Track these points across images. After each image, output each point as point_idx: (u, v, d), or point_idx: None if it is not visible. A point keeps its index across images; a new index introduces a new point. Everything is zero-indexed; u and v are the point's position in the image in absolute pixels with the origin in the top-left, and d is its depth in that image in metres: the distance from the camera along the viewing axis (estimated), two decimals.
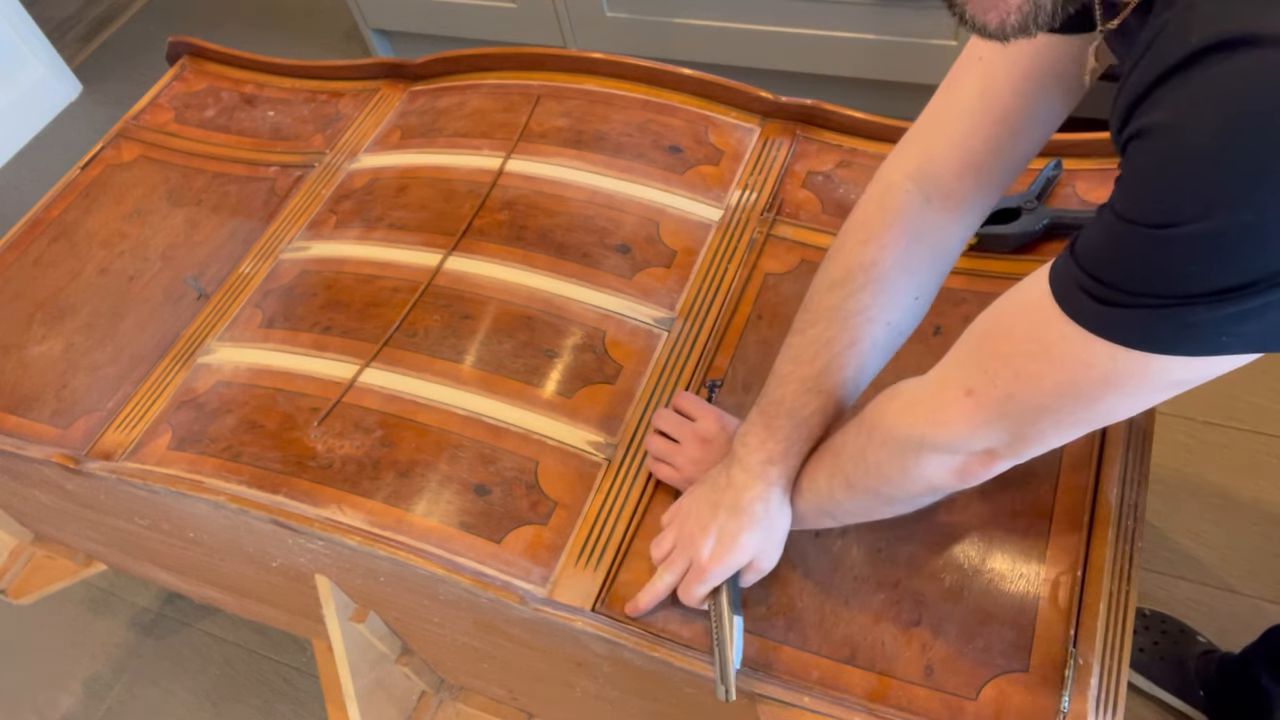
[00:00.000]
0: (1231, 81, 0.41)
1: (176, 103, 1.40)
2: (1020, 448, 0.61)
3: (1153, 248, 0.46)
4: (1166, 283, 0.47)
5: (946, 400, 0.61)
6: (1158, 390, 0.53)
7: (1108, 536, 0.78)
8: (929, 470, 0.65)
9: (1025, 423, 0.59)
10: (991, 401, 0.59)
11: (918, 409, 0.64)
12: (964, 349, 0.62)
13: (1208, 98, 0.42)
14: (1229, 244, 0.43)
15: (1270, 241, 0.43)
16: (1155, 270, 0.47)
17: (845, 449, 0.72)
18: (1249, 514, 1.41)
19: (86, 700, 1.59)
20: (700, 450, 0.84)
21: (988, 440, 0.61)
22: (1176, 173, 0.44)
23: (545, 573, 0.84)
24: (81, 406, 1.08)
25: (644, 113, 1.15)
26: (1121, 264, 0.49)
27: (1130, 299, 0.48)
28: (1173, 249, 0.45)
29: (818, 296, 0.77)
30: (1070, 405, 0.55)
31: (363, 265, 1.08)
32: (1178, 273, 0.46)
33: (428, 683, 1.18)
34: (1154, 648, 1.28)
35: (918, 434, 0.64)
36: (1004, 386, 0.58)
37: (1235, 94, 0.41)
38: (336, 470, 0.92)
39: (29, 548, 1.46)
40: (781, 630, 0.78)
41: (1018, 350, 0.56)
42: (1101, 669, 0.72)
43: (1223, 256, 0.44)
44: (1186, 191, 0.44)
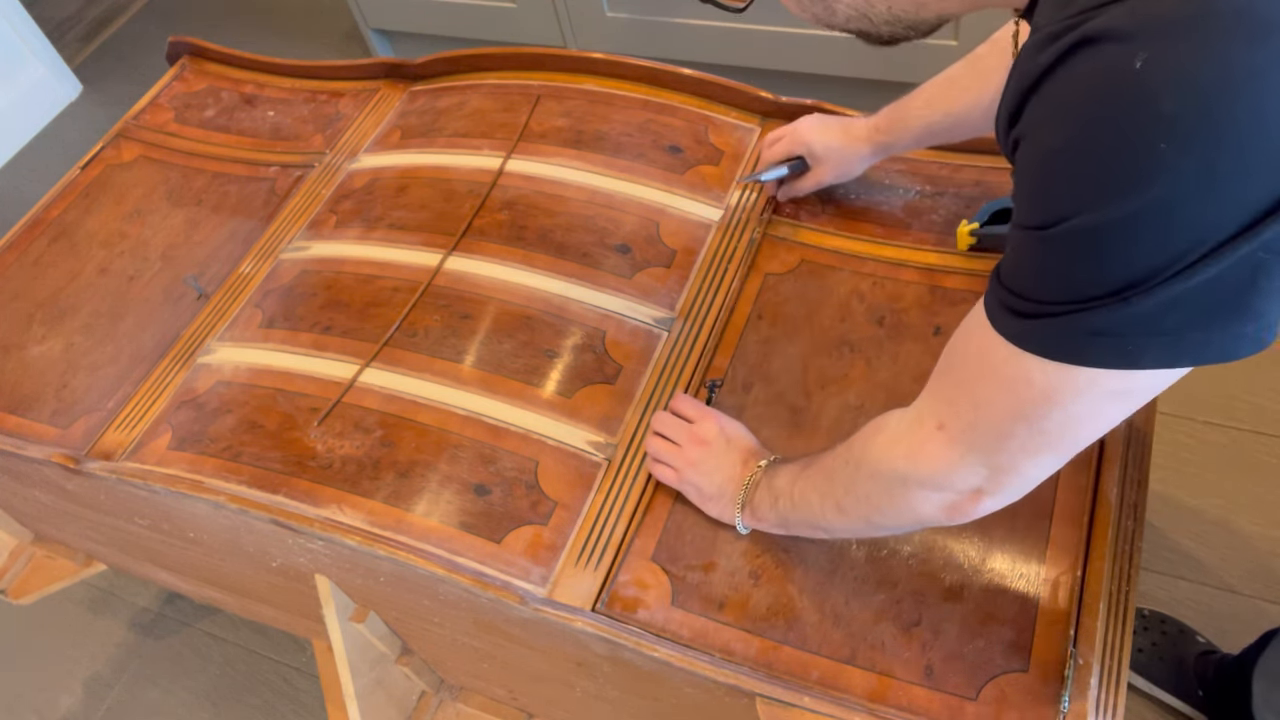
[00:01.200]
0: (1075, 85, 0.43)
1: (176, 103, 1.40)
2: (1002, 480, 0.60)
3: (1042, 250, 0.48)
4: (1059, 286, 0.48)
5: (922, 436, 0.62)
6: (1100, 404, 0.52)
7: (1108, 536, 0.78)
8: (917, 505, 0.65)
9: (995, 452, 0.59)
10: (960, 433, 0.59)
11: (900, 445, 0.64)
12: (933, 382, 0.63)
13: (1060, 102, 0.44)
14: (1101, 240, 0.44)
15: (1137, 238, 0.43)
16: (1048, 273, 0.48)
17: (836, 475, 0.72)
18: (1249, 514, 1.41)
19: (86, 700, 1.59)
20: (699, 452, 0.85)
21: (969, 476, 0.61)
22: (1045, 175, 0.46)
23: (545, 573, 0.84)
24: (81, 406, 1.08)
25: (644, 113, 1.15)
26: (1025, 272, 0.50)
27: (1039, 308, 0.49)
28: (1056, 249, 0.47)
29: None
30: (1025, 427, 0.55)
31: (363, 265, 1.08)
32: (1066, 273, 0.47)
33: (428, 683, 1.18)
34: (1154, 648, 1.28)
35: (901, 470, 0.64)
36: (967, 416, 0.58)
37: (1079, 95, 0.43)
38: (336, 470, 0.92)
39: (29, 548, 1.46)
40: (781, 630, 0.78)
41: (971, 377, 0.57)
42: (1101, 669, 0.72)
43: (1097, 255, 0.45)
44: (1055, 192, 0.46)
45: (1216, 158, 0.41)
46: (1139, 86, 0.41)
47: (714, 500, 0.84)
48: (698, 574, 0.83)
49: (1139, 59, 0.41)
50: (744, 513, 0.82)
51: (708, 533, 0.85)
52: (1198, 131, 0.40)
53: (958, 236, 0.96)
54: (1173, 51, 0.40)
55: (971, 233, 0.95)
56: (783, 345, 0.95)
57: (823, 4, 0.59)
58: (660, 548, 0.85)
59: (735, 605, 0.80)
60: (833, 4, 0.58)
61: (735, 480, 0.83)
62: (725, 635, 0.79)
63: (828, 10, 0.59)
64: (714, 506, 0.84)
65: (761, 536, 0.83)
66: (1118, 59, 0.41)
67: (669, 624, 0.80)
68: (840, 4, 0.58)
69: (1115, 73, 0.42)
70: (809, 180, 1.02)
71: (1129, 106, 0.42)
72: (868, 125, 0.98)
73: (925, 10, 0.57)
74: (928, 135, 0.94)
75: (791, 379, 0.92)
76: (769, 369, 0.93)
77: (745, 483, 0.82)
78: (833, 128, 1.00)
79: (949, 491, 0.63)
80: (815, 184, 1.02)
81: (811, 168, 1.02)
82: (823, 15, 0.60)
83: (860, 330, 0.94)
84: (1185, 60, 0.40)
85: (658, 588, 0.82)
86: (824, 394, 0.91)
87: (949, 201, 1.02)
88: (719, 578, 0.82)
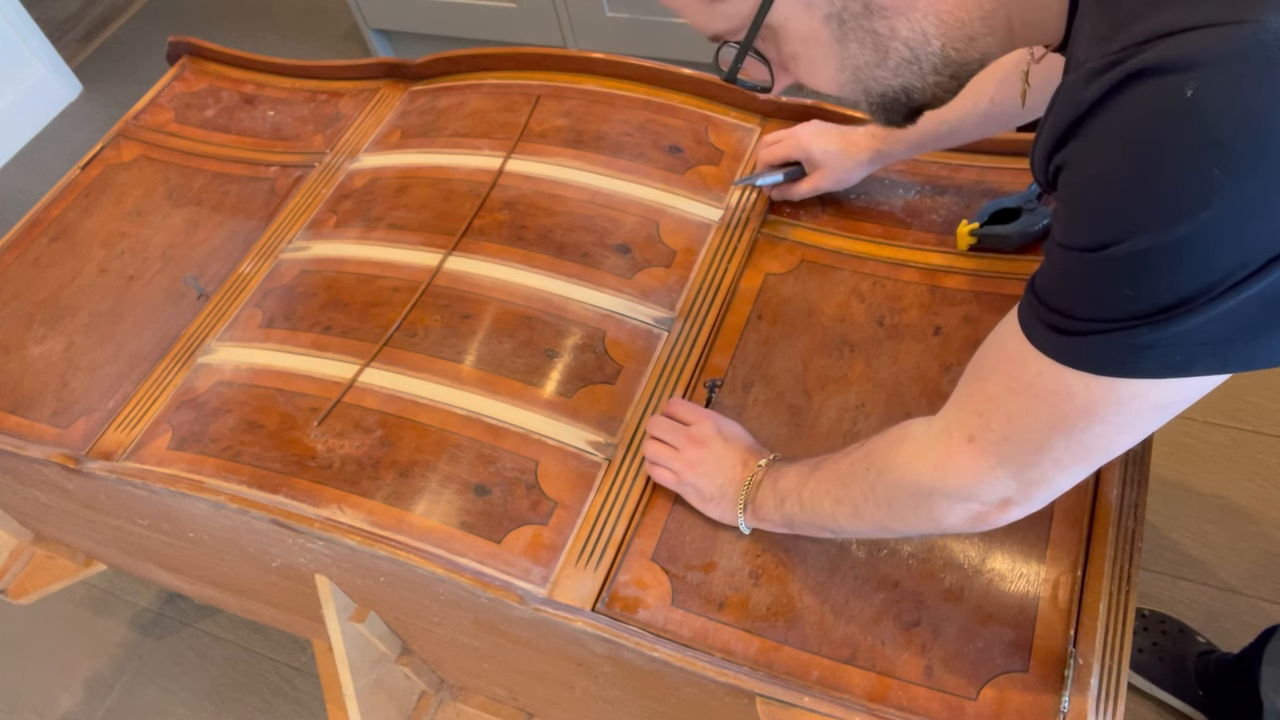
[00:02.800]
0: (1127, 114, 0.45)
1: (176, 102, 1.40)
2: (1030, 493, 0.61)
3: (1089, 272, 0.49)
4: (1107, 305, 0.49)
5: (952, 449, 0.62)
6: (1141, 415, 0.53)
7: (1108, 536, 0.78)
8: (941, 515, 0.66)
9: (1027, 465, 0.59)
10: (991, 446, 0.60)
11: (927, 456, 0.64)
12: (961, 393, 0.63)
13: (1112, 130, 0.46)
14: (1150, 264, 0.46)
15: (1186, 260, 0.45)
16: (1096, 294, 0.49)
17: (854, 481, 0.72)
18: (1249, 514, 1.41)
19: (86, 700, 1.59)
20: (696, 453, 0.84)
21: (998, 488, 0.61)
22: (1096, 199, 0.47)
23: (545, 573, 0.84)
24: (81, 406, 1.08)
25: (644, 113, 1.15)
26: (1068, 292, 0.51)
27: (1084, 325, 0.50)
28: (1104, 272, 0.48)
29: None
30: (1063, 441, 0.56)
31: (363, 265, 1.08)
32: (1114, 295, 0.48)
33: (428, 683, 1.18)
34: (1154, 648, 1.28)
35: (928, 482, 0.64)
36: (999, 430, 0.59)
37: (1132, 123, 0.45)
38: (336, 470, 0.92)
39: (29, 548, 1.46)
40: (781, 630, 0.78)
41: (1004, 391, 0.58)
42: (1101, 669, 0.72)
43: (1148, 276, 0.46)
44: (1104, 216, 0.47)
45: (1267, 182, 0.42)
46: (1191, 114, 0.42)
47: (714, 502, 0.84)
48: (698, 574, 0.83)
49: (1190, 88, 0.42)
50: (746, 513, 0.82)
51: (708, 533, 0.85)
52: (1247, 157, 0.42)
53: (958, 236, 0.96)
54: (1222, 80, 0.42)
55: (971, 233, 0.95)
56: (783, 345, 0.95)
57: (874, 50, 0.58)
58: (660, 548, 0.85)
59: (735, 605, 0.80)
60: (888, 45, 0.57)
61: (735, 481, 0.83)
62: (725, 635, 0.79)
63: (879, 56, 0.58)
64: (714, 508, 0.84)
65: (762, 536, 0.83)
66: (1169, 88, 0.43)
67: (669, 624, 0.80)
68: (897, 44, 0.57)
69: (1167, 101, 0.43)
70: (805, 185, 1.02)
71: (1182, 133, 0.43)
72: (867, 133, 0.98)
73: (972, 49, 0.57)
74: (924, 143, 0.95)
75: (791, 379, 0.92)
76: (769, 369, 0.93)
77: (746, 483, 0.81)
78: (832, 134, 1.00)
79: (975, 502, 0.63)
80: (812, 189, 1.02)
81: (808, 173, 1.02)
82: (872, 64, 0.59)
83: (860, 330, 0.94)
84: (1234, 88, 0.42)
85: (658, 588, 0.82)
86: (824, 394, 0.91)
87: (949, 201, 1.02)
88: (719, 578, 0.82)
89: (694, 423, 0.87)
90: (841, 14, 0.57)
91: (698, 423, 0.87)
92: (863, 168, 1.00)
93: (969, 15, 0.56)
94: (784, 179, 1.03)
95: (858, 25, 0.57)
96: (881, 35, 0.57)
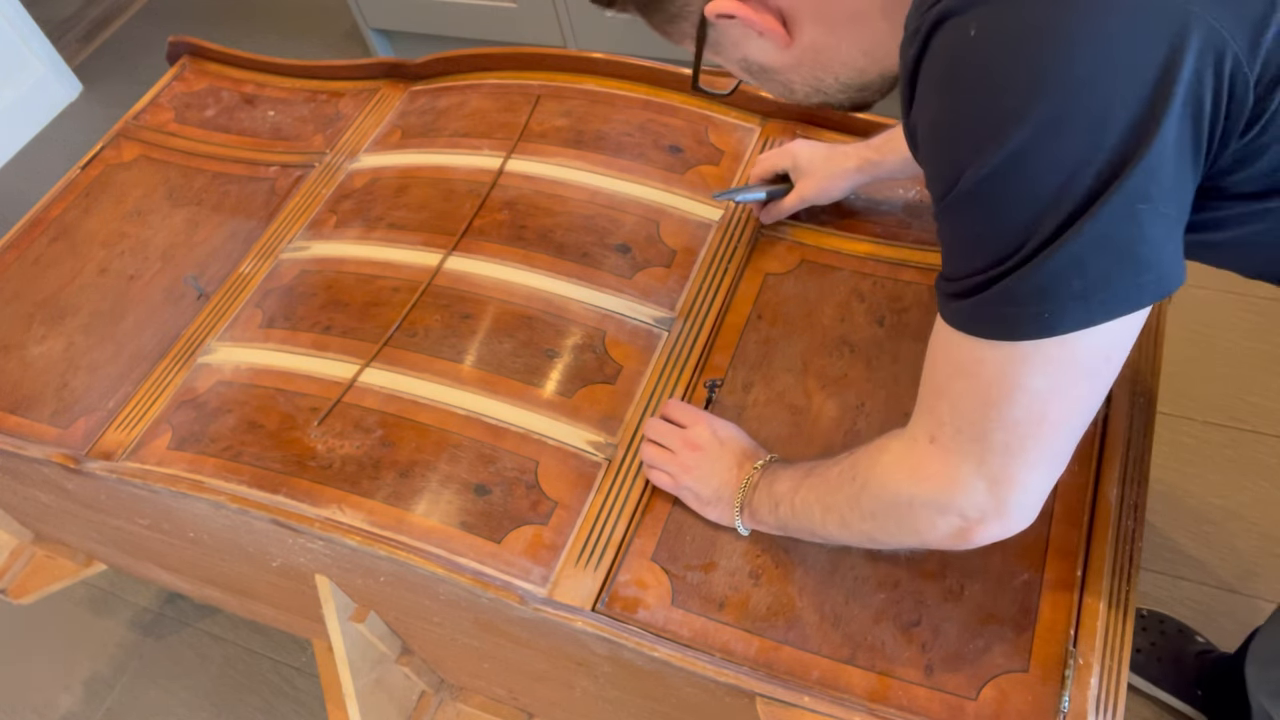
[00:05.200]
0: (933, 64, 0.50)
1: (176, 102, 1.40)
2: (1003, 495, 0.60)
3: (947, 223, 0.53)
4: (969, 254, 0.52)
5: (920, 454, 0.63)
6: (1057, 378, 0.54)
7: (1108, 536, 0.78)
8: (923, 528, 0.65)
9: (983, 453, 0.59)
10: (949, 442, 0.60)
11: (902, 465, 0.65)
12: (919, 398, 0.63)
13: (926, 84, 0.51)
14: (982, 195, 0.49)
15: (1011, 185, 0.48)
16: (958, 244, 0.53)
17: (841, 490, 0.72)
18: (1249, 514, 1.41)
19: (86, 700, 1.59)
20: (692, 457, 0.84)
21: (972, 494, 0.61)
22: (930, 150, 0.52)
23: (545, 572, 0.84)
24: (81, 406, 1.08)
25: (644, 112, 1.15)
26: (946, 253, 0.55)
27: (962, 285, 0.53)
28: (954, 216, 0.52)
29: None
30: (996, 414, 0.56)
31: (363, 265, 1.08)
32: (970, 239, 0.52)
33: (428, 683, 1.18)
34: (1153, 648, 1.28)
35: (907, 492, 0.64)
36: (950, 421, 0.59)
37: (937, 72, 0.50)
38: (336, 470, 0.92)
39: (29, 548, 1.46)
40: (781, 630, 0.78)
41: (942, 379, 0.59)
42: (1101, 669, 0.72)
43: (984, 208, 0.49)
44: (939, 162, 0.51)
45: (1056, 106, 0.46)
46: (976, 50, 0.47)
47: (712, 505, 0.84)
48: (698, 574, 0.83)
49: (972, 26, 0.47)
50: (743, 515, 0.82)
51: (708, 533, 0.85)
52: (1029, 82, 0.46)
53: None
54: (998, 14, 0.46)
55: None
56: (783, 345, 0.95)
57: (784, 88, 0.67)
58: (660, 547, 0.85)
59: (735, 605, 0.80)
60: (790, 86, 0.66)
61: (731, 484, 0.82)
62: (725, 635, 0.79)
63: (789, 91, 0.67)
64: (712, 511, 0.84)
65: (762, 536, 0.83)
66: (957, 30, 0.48)
67: (669, 624, 0.80)
68: (796, 85, 0.65)
69: (958, 42, 0.48)
70: (792, 198, 1.00)
71: (973, 69, 0.47)
72: (857, 143, 0.98)
73: (868, 74, 0.62)
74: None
75: (791, 379, 0.92)
76: (769, 369, 0.93)
77: (742, 485, 0.81)
78: (821, 145, 1.00)
79: (953, 514, 0.63)
80: (798, 200, 1.00)
81: (795, 183, 1.00)
82: (786, 95, 0.67)
83: (860, 330, 0.94)
84: (1009, 20, 0.46)
85: (658, 587, 0.82)
86: (824, 394, 0.91)
87: None
88: (719, 578, 0.82)
89: (690, 425, 0.86)
90: (749, 69, 0.66)
91: (693, 425, 0.86)
92: (849, 175, 0.98)
93: (849, 57, 0.62)
94: (767, 196, 1.01)
95: (763, 75, 0.66)
96: (782, 84, 0.66)
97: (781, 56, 0.63)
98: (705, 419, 0.87)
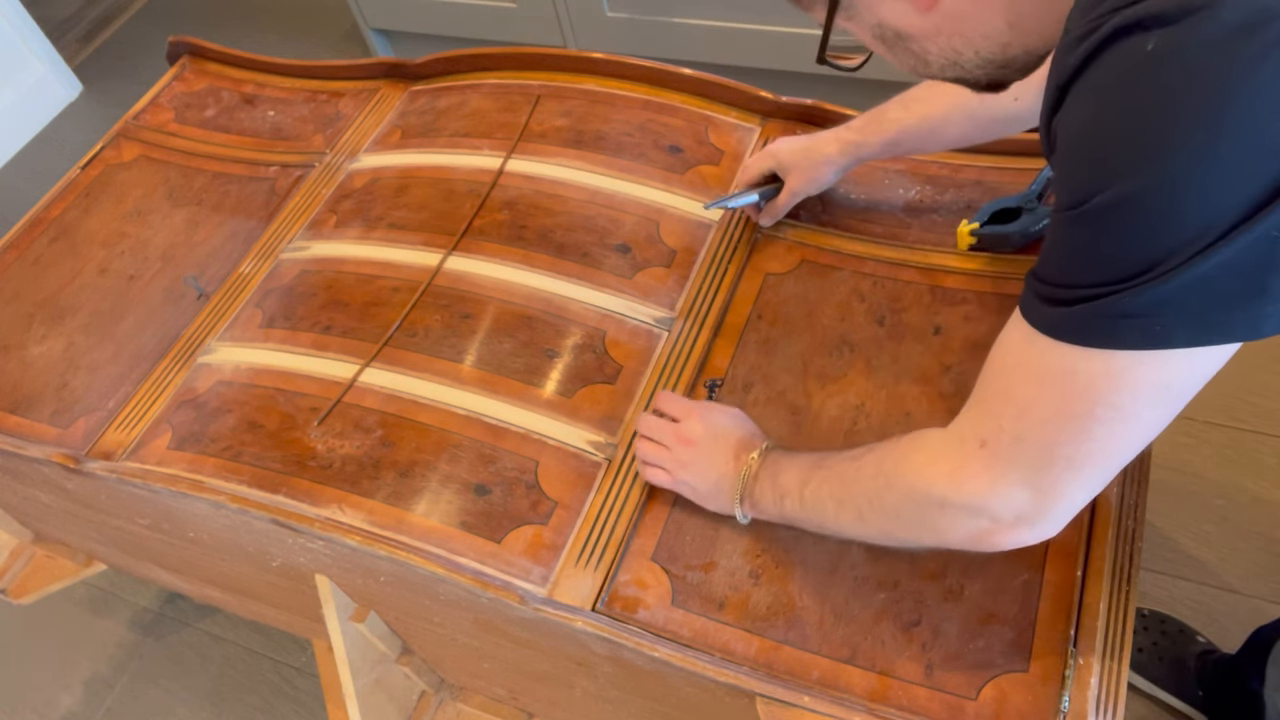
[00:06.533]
0: (1099, 74, 0.48)
1: (176, 102, 1.40)
2: (1045, 506, 0.59)
3: (1071, 231, 0.51)
4: (1087, 266, 0.51)
5: (965, 456, 0.61)
6: (1141, 397, 0.53)
7: (1108, 536, 0.78)
8: (948, 529, 0.65)
9: (1041, 468, 0.58)
10: (1004, 449, 0.59)
11: (941, 465, 0.63)
12: (974, 398, 0.62)
13: (1088, 89, 0.49)
14: (1121, 216, 0.48)
15: (1153, 211, 0.47)
16: (1077, 254, 0.51)
17: (860, 484, 0.71)
18: (1249, 514, 1.41)
19: (86, 700, 1.59)
20: (687, 452, 0.83)
21: (1012, 501, 0.60)
22: (1074, 157, 0.50)
23: (545, 572, 0.84)
24: (81, 406, 1.08)
25: (644, 113, 1.15)
26: (1057, 258, 0.53)
27: (1071, 293, 0.52)
28: (1084, 227, 0.50)
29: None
30: (1072, 430, 0.55)
31: (363, 265, 1.08)
32: (1092, 253, 0.50)
33: (428, 682, 1.18)
34: (1154, 648, 1.28)
35: (940, 493, 0.63)
36: (1011, 428, 0.58)
37: (1103, 81, 0.48)
38: (336, 470, 0.92)
39: (29, 548, 1.46)
40: (781, 630, 0.78)
41: (1012, 383, 0.58)
42: (1101, 669, 0.72)
43: (1120, 229, 0.48)
44: (1080, 172, 0.49)
45: (1220, 137, 0.44)
46: (1150, 69, 0.45)
47: (710, 498, 0.83)
48: (698, 574, 0.83)
49: (1151, 43, 0.44)
50: (744, 505, 0.81)
51: (708, 532, 0.85)
52: (1202, 112, 0.44)
53: (958, 236, 0.96)
54: (1179, 36, 0.44)
55: (971, 233, 0.95)
56: (783, 345, 0.95)
57: (917, 59, 0.62)
58: (660, 547, 0.85)
59: (735, 605, 0.80)
60: (925, 58, 0.62)
61: (729, 476, 0.81)
62: (725, 635, 0.79)
63: (923, 63, 0.62)
64: (712, 503, 0.83)
65: (762, 535, 0.83)
66: (1134, 45, 0.45)
67: (669, 624, 0.80)
68: (932, 56, 0.61)
69: (1131, 58, 0.45)
70: (783, 198, 1.00)
71: (1142, 88, 0.45)
72: (835, 129, 0.98)
73: (1011, 49, 0.59)
74: (901, 140, 0.93)
75: (791, 379, 0.92)
76: (769, 369, 0.93)
77: (740, 476, 0.80)
78: (799, 138, 1.00)
79: (985, 518, 0.62)
80: (790, 196, 0.99)
81: (784, 181, 1.00)
82: (919, 68, 0.63)
83: (860, 330, 0.94)
84: (1189, 43, 0.44)
85: (658, 587, 0.82)
86: (824, 394, 0.90)
87: (949, 201, 1.02)
88: (719, 577, 0.82)
89: (683, 418, 0.85)
90: (883, 37, 0.62)
91: (685, 419, 0.85)
92: (833, 161, 0.97)
93: (992, 28, 0.58)
94: (758, 199, 1.01)
95: (897, 44, 0.62)
96: (916, 54, 0.62)
97: (919, 21, 0.60)
98: (698, 411, 0.85)
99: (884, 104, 0.94)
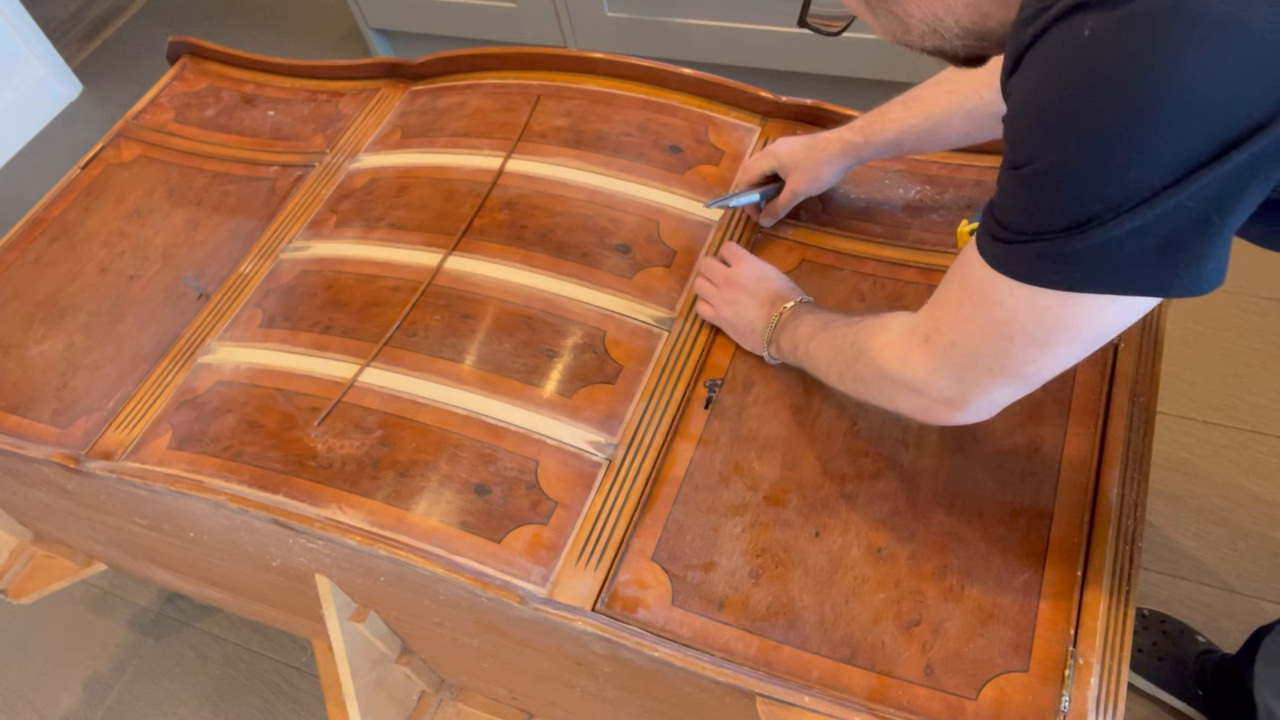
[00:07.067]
0: (1046, 48, 0.52)
1: (176, 102, 1.40)
2: (969, 397, 0.68)
3: (1016, 187, 0.56)
4: (1028, 217, 0.56)
5: (912, 346, 0.70)
6: (1056, 332, 0.59)
7: (1108, 536, 0.78)
8: (899, 401, 0.74)
9: (965, 369, 0.66)
10: (940, 350, 0.67)
11: (895, 349, 0.72)
12: (932, 299, 0.70)
13: (1035, 62, 0.53)
14: (1054, 182, 0.53)
15: (1083, 181, 0.51)
16: (1020, 206, 0.56)
17: (842, 350, 0.80)
18: (1249, 514, 1.41)
19: (86, 700, 1.59)
20: (732, 293, 0.94)
21: (943, 388, 0.68)
22: (1019, 122, 0.55)
23: (545, 572, 0.84)
24: (81, 406, 1.08)
25: (644, 113, 1.15)
26: (1005, 205, 0.58)
27: (1014, 236, 0.57)
28: (1025, 186, 0.55)
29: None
30: (991, 349, 0.63)
31: (363, 265, 1.08)
32: (1032, 207, 0.55)
33: (428, 682, 1.18)
34: (1154, 648, 1.28)
35: (891, 370, 0.72)
36: (948, 333, 0.66)
37: (1046, 57, 0.52)
38: (337, 470, 0.92)
39: (29, 548, 1.46)
40: (781, 630, 0.78)
41: (959, 298, 0.65)
42: (1101, 669, 0.72)
43: (1053, 192, 0.53)
44: (1024, 137, 0.54)
45: (1137, 122, 0.48)
46: (1083, 51, 0.49)
47: (745, 336, 0.93)
48: (698, 574, 0.83)
49: (1087, 27, 0.48)
50: (771, 348, 0.91)
51: (708, 532, 0.85)
52: (1124, 97, 0.48)
53: (958, 236, 0.96)
54: (1113, 23, 0.48)
55: (971, 233, 0.95)
56: None
57: (899, 22, 0.65)
58: (660, 547, 0.85)
59: (735, 605, 0.80)
60: (907, 21, 0.64)
61: (761, 320, 0.91)
62: (725, 635, 0.79)
63: (904, 28, 0.65)
64: (746, 341, 0.94)
65: (761, 535, 0.83)
66: (1075, 27, 0.49)
67: (669, 624, 0.80)
68: (914, 20, 0.64)
69: (1070, 38, 0.50)
70: (785, 196, 1.01)
71: (1074, 69, 0.50)
72: (838, 129, 0.99)
73: (990, 20, 0.62)
74: (903, 139, 0.94)
75: (791, 378, 0.92)
76: (769, 369, 0.94)
77: (770, 323, 0.90)
78: (800, 138, 1.01)
79: (924, 397, 0.70)
80: (791, 196, 1.01)
81: (785, 181, 1.01)
82: (900, 33, 0.66)
83: None
84: (1118, 29, 0.47)
85: (658, 587, 0.82)
86: (823, 393, 0.91)
87: (949, 201, 1.02)
88: (719, 577, 0.82)
89: (735, 264, 0.96)
90: None
91: (737, 264, 0.96)
92: (834, 161, 0.98)
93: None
94: (760, 198, 1.01)
95: (879, 5, 0.64)
96: (898, 16, 0.64)
97: None
98: (749, 261, 0.96)
99: (885, 104, 0.94)
